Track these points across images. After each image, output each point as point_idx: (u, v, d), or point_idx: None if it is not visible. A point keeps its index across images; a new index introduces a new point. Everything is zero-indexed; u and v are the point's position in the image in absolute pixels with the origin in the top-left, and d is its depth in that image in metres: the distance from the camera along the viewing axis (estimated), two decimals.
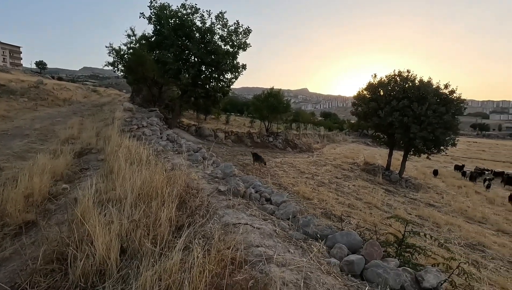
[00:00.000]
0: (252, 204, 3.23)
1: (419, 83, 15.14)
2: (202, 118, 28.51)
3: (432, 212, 10.41)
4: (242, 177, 4.17)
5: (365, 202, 10.21)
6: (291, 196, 9.13)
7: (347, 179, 14.11)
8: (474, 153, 40.93)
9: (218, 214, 2.79)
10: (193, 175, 3.77)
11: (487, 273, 6.16)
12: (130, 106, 13.52)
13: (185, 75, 10.40)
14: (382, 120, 14.99)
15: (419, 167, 23.75)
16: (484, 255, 7.36)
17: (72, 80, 72.37)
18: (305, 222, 2.79)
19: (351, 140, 44.46)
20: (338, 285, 1.84)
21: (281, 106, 21.18)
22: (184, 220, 2.73)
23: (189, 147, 5.91)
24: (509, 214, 12.80)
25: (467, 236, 8.56)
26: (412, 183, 16.25)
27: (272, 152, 18.81)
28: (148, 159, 4.73)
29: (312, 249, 2.39)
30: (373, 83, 16.48)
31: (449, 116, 13.95)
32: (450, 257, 2.87)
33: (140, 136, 7.14)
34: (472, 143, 62.53)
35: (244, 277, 1.61)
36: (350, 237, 2.50)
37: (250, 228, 2.49)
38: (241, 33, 11.63)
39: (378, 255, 2.30)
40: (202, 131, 17.68)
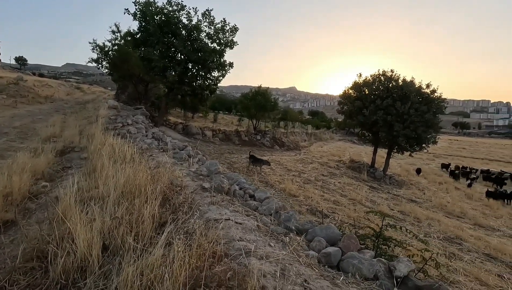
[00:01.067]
0: (235, 201, 3.28)
1: (402, 83, 15.55)
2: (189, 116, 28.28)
3: (413, 208, 10.76)
4: (226, 175, 4.22)
5: (350, 199, 10.45)
6: (278, 194, 9.25)
7: (333, 176, 14.37)
8: (455, 150, 42.39)
9: (201, 211, 2.83)
10: (178, 172, 3.79)
11: (463, 264, 6.45)
12: (115, 104, 13.29)
13: (171, 73, 10.30)
14: (367, 119, 15.34)
15: (403, 164, 24.38)
16: (461, 248, 7.69)
17: (54, 77, 70.03)
18: (287, 217, 2.87)
19: (338, 138, 45.14)
20: (314, 275, 1.92)
21: (268, 104, 21.29)
22: (167, 217, 2.76)
23: (175, 145, 5.90)
24: (486, 209, 13.37)
25: (446, 230, 8.90)
26: (395, 180, 16.71)
27: (260, 150, 18.90)
28: (132, 157, 4.71)
29: (292, 242, 2.47)
30: (359, 82, 16.82)
31: (430, 114, 14.41)
32: (424, 249, 3.01)
33: (124, 134, 7.05)
34: (454, 141, 64.71)
35: (223, 269, 1.66)
36: (329, 231, 2.60)
37: (232, 224, 2.55)
38: (228, 31, 11.61)
39: (354, 247, 2.41)
40: (189, 130, 17.56)
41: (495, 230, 10.25)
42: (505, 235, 9.86)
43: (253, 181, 9.99)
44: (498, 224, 11.01)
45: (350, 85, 17.18)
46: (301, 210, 7.91)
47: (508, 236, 9.76)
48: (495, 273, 6.39)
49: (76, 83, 54.37)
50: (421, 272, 2.90)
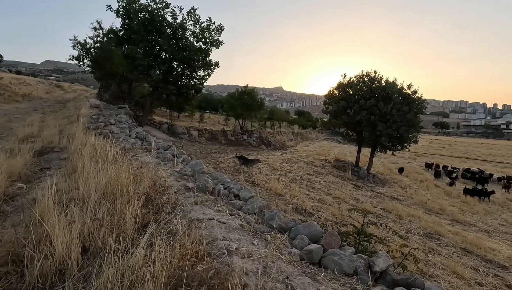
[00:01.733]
0: (220, 200, 3.28)
1: (385, 84, 15.96)
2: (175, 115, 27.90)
3: (395, 205, 11.07)
4: (211, 174, 4.21)
5: (335, 197, 10.64)
6: (264, 193, 9.29)
7: (318, 175, 14.56)
8: (435, 149, 43.91)
9: (185, 210, 2.82)
10: (161, 172, 3.75)
11: (441, 259, 6.71)
12: (97, 103, 12.95)
13: (156, 72, 10.13)
14: (351, 118, 15.64)
15: (386, 163, 25.01)
16: (439, 243, 7.99)
17: (32, 74, 67.33)
18: (270, 216, 2.90)
19: (324, 138, 45.77)
20: (296, 272, 1.96)
21: (255, 104, 21.32)
22: (150, 217, 2.72)
23: (159, 145, 5.82)
24: (463, 205, 13.93)
25: (426, 226, 9.22)
26: (378, 178, 17.13)
27: (246, 150, 18.90)
28: (115, 157, 4.61)
29: (275, 241, 2.50)
30: (343, 82, 17.12)
31: (412, 114, 14.86)
32: (402, 245, 3.12)
33: (107, 134, 6.89)
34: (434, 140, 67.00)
35: (204, 268, 1.67)
36: (312, 228, 2.65)
37: (215, 223, 2.55)
38: (213, 30, 11.52)
39: (336, 244, 2.46)
40: (175, 129, 17.34)
41: (472, 225, 10.71)
42: (480, 230, 10.32)
43: (239, 181, 9.99)
44: (474, 219, 11.50)
45: (335, 85, 17.46)
46: (287, 209, 7.99)
47: (483, 231, 10.23)
48: (471, 267, 6.69)
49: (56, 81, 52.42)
50: (400, 267, 3.01)
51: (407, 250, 3.03)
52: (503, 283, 6.20)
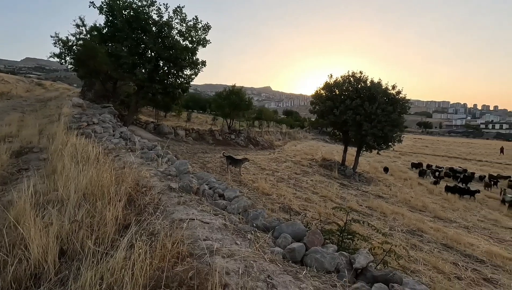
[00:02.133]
0: (204, 200, 3.26)
1: (370, 84, 16.27)
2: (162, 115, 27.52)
3: (380, 203, 11.30)
4: (197, 174, 4.17)
5: (321, 196, 10.76)
6: (251, 193, 9.29)
7: (305, 174, 14.70)
8: (419, 148, 45.14)
9: (168, 211, 2.78)
10: (145, 173, 3.69)
11: (423, 254, 6.91)
12: (80, 102, 12.62)
13: (141, 70, 9.95)
14: (337, 118, 15.86)
15: (371, 162, 25.51)
16: (422, 239, 8.22)
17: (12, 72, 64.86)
18: (255, 215, 2.90)
19: (311, 137, 46.24)
20: (278, 271, 1.97)
21: (243, 103, 21.29)
22: (131, 218, 2.68)
23: (144, 145, 5.73)
24: (445, 202, 14.38)
25: (409, 223, 9.46)
26: (364, 177, 17.45)
27: (234, 150, 18.86)
28: (97, 157, 4.50)
29: (259, 240, 2.51)
30: (330, 83, 17.34)
31: (396, 114, 15.22)
32: (384, 241, 3.19)
33: (89, 133, 6.72)
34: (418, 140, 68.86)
35: (185, 269, 1.65)
36: (295, 227, 2.67)
37: (199, 223, 2.53)
38: (200, 29, 11.43)
39: (319, 242, 2.49)
40: (161, 129, 17.10)
41: (452, 221, 11.06)
42: (460, 226, 10.68)
43: (226, 181, 9.96)
44: (454, 216, 11.89)
45: (322, 85, 17.66)
46: (274, 208, 8.02)
47: (463, 227, 10.59)
48: (451, 262, 6.92)
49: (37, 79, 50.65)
50: (382, 263, 3.08)
51: (389, 247, 3.10)
52: (480, 276, 6.45)
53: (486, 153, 43.67)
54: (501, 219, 12.27)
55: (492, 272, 6.87)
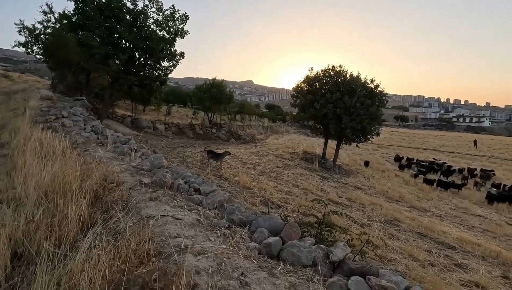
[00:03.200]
0: (178, 195, 3.12)
1: (349, 78, 16.48)
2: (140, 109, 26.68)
3: (359, 195, 11.55)
4: (172, 169, 4.00)
5: (302, 189, 10.84)
6: (232, 187, 9.19)
7: (287, 167, 14.76)
8: (396, 141, 46.72)
9: (138, 208, 2.62)
10: (114, 168, 3.47)
11: (399, 243, 7.12)
12: (49, 94, 11.89)
13: (115, 61, 9.47)
14: (318, 112, 15.99)
15: (351, 155, 26.08)
16: (398, 229, 8.48)
17: None
18: (231, 209, 2.80)
19: (293, 131, 46.61)
20: (252, 267, 1.88)
21: (223, 97, 20.98)
22: (97, 217, 2.49)
23: (117, 139, 5.44)
24: (420, 192, 14.93)
25: (386, 214, 9.73)
26: (344, 169, 17.80)
27: (215, 144, 18.62)
28: (63, 152, 4.21)
29: (234, 235, 2.41)
30: (310, 76, 17.41)
31: (374, 108, 15.54)
32: (362, 233, 3.19)
33: (57, 127, 6.32)
34: (395, 133, 71.26)
35: (149, 270, 1.52)
36: (272, 221, 2.59)
37: (170, 219, 2.39)
38: (177, 19, 11.01)
39: (296, 236, 2.43)
40: (139, 123, 16.54)
41: (427, 211, 11.51)
42: (434, 215, 11.13)
43: (206, 175, 9.78)
44: (429, 205, 12.37)
45: (303, 79, 17.70)
46: (255, 202, 7.97)
47: (436, 215, 11.04)
48: (425, 249, 7.18)
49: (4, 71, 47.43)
50: (360, 255, 3.08)
51: (366, 238, 3.10)
52: (452, 262, 6.74)
53: (457, 145, 45.95)
54: (471, 207, 12.92)
55: (463, 258, 7.20)
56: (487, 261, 7.26)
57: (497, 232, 9.86)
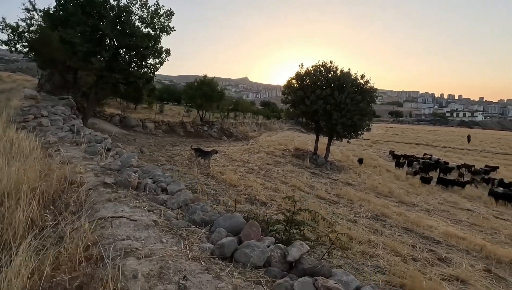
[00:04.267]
0: (142, 195, 3.03)
1: (340, 74, 16.44)
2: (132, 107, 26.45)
3: (348, 190, 11.54)
4: (143, 168, 3.91)
5: (290, 186, 10.79)
6: (218, 184, 9.11)
7: (277, 165, 14.71)
8: (390, 136, 46.96)
9: (94, 209, 2.53)
10: (79, 168, 3.38)
11: (383, 239, 7.11)
12: (33, 94, 11.69)
13: (99, 59, 9.29)
14: (308, 108, 15.94)
15: (344, 150, 26.14)
16: (384, 224, 8.48)
17: None
18: (193, 209, 2.73)
19: (287, 128, 46.60)
20: (198, 270, 1.81)
21: (215, 94, 20.83)
22: (50, 219, 2.40)
23: (92, 138, 5.33)
24: (410, 187, 15.01)
25: (374, 209, 9.73)
26: (336, 165, 17.81)
27: (207, 142, 18.51)
28: (31, 152, 4.09)
29: (192, 236, 2.34)
30: (301, 72, 17.33)
31: (364, 103, 15.53)
32: (331, 230, 3.14)
33: (34, 127, 6.19)
34: (389, 128, 71.63)
35: (74, 276, 1.45)
36: (233, 220, 2.53)
37: (125, 221, 2.32)
38: (162, 15, 10.85)
39: (255, 235, 2.37)
40: (128, 122, 16.35)
41: (415, 205, 11.55)
42: (422, 209, 11.18)
43: (193, 173, 9.69)
44: (417, 200, 12.43)
45: (293, 75, 17.63)
46: (240, 200, 7.90)
47: (424, 210, 11.09)
48: (409, 244, 7.18)
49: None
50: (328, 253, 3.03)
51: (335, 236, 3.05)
52: (435, 257, 6.75)
53: (450, 140, 46.33)
54: (460, 201, 13.02)
55: (447, 252, 7.22)
56: (471, 255, 7.30)
57: (484, 226, 9.93)
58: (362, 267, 5.27)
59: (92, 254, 1.83)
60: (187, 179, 8.92)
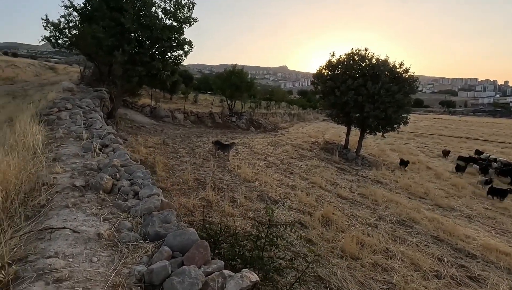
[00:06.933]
0: (108, 201, 2.92)
1: (375, 62, 15.10)
2: (168, 97, 27.43)
3: (375, 190, 10.67)
4: (129, 167, 3.83)
5: (310, 182, 10.27)
6: (233, 179, 8.98)
7: (302, 159, 14.16)
8: (437, 129, 42.81)
9: (48, 216, 2.46)
10: (58, 167, 3.38)
11: (404, 248, 6.40)
12: (70, 86, 12.49)
13: (120, 52, 9.56)
14: (338, 99, 14.98)
15: (381, 144, 24.45)
16: (410, 231, 7.65)
17: (32, 56, 65.98)
18: (148, 221, 2.54)
19: (322, 119, 44.89)
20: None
21: (244, 84, 20.60)
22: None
23: (99, 133, 5.44)
24: (451, 188, 13.47)
25: (401, 212, 8.86)
26: (367, 161, 16.66)
27: (233, 133, 18.49)
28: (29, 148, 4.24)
29: (134, 254, 2.15)
30: (332, 61, 16.28)
31: (401, 94, 14.12)
32: (310, 250, 2.75)
33: (53, 120, 6.53)
34: (438, 120, 65.47)
35: None
36: (184, 237, 2.28)
37: (67, 233, 2.20)
38: (185, 7, 10.78)
39: (201, 258, 2.10)
40: (157, 112, 16.92)
41: (453, 210, 10.33)
42: (462, 215, 9.95)
43: (209, 167, 9.67)
44: (458, 204, 11.09)
45: (324, 64, 16.63)
46: (251, 197, 7.68)
47: (464, 216, 9.86)
48: (436, 257, 6.38)
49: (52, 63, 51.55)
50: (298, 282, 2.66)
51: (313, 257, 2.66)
52: (466, 274, 5.90)
53: (511, 134, 40.81)
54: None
55: (482, 269, 6.29)
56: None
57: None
58: (369, 282, 4.75)
59: (8, 273, 1.72)
60: (202, 173, 8.93)
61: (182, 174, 8.17)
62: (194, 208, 6.00)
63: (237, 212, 6.35)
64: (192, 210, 5.81)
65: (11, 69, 24.79)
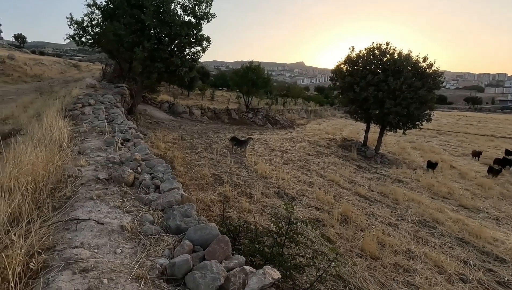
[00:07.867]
0: (130, 194, 2.97)
1: (397, 56, 14.58)
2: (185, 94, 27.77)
3: (395, 189, 10.34)
4: (150, 161, 3.89)
5: (328, 180, 10.10)
6: (249, 175, 8.97)
7: (319, 156, 13.95)
8: (461, 127, 40.95)
9: (73, 207, 2.53)
10: (82, 161, 3.47)
11: (427, 250, 6.16)
12: (92, 83, 12.90)
13: (140, 49, 9.74)
14: (357, 95, 14.60)
15: (402, 141, 23.69)
16: (433, 232, 7.37)
17: (57, 55, 68.71)
18: (169, 214, 2.55)
19: (340, 115, 44.09)
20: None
21: (260, 80, 20.50)
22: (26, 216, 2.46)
23: (121, 127, 5.57)
24: (477, 188, 12.85)
25: (424, 212, 8.54)
26: (387, 158, 16.20)
27: (250, 129, 18.48)
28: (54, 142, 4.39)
29: (156, 247, 2.17)
30: (351, 56, 15.86)
31: (425, 90, 13.56)
32: (331, 249, 2.68)
33: (78, 115, 6.75)
34: (462, 117, 62.55)
35: None
36: (205, 232, 2.27)
37: (92, 224, 2.24)
38: (203, 3, 10.82)
39: (222, 253, 2.09)
40: (175, 108, 17.17)
41: (480, 211, 9.85)
42: (489, 217, 9.48)
43: (226, 162, 9.71)
44: (485, 205, 10.56)
45: (343, 59, 16.23)
46: (268, 193, 7.64)
47: (491, 218, 9.38)
48: (461, 260, 6.10)
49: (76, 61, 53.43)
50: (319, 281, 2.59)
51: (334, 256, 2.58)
52: (494, 279, 5.61)
53: None
54: None
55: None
56: None
57: None
58: (391, 284, 4.60)
59: (38, 261, 1.77)
60: (219, 168, 8.97)
61: (200, 169, 8.24)
62: (212, 203, 6.03)
63: (254, 208, 6.33)
64: (210, 205, 5.85)
65: (39, 67, 25.94)
